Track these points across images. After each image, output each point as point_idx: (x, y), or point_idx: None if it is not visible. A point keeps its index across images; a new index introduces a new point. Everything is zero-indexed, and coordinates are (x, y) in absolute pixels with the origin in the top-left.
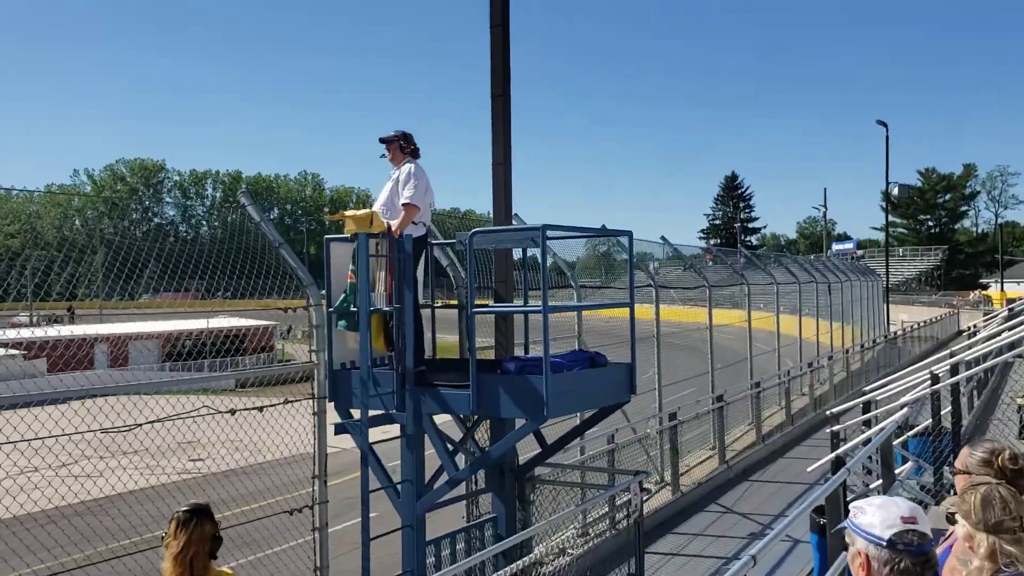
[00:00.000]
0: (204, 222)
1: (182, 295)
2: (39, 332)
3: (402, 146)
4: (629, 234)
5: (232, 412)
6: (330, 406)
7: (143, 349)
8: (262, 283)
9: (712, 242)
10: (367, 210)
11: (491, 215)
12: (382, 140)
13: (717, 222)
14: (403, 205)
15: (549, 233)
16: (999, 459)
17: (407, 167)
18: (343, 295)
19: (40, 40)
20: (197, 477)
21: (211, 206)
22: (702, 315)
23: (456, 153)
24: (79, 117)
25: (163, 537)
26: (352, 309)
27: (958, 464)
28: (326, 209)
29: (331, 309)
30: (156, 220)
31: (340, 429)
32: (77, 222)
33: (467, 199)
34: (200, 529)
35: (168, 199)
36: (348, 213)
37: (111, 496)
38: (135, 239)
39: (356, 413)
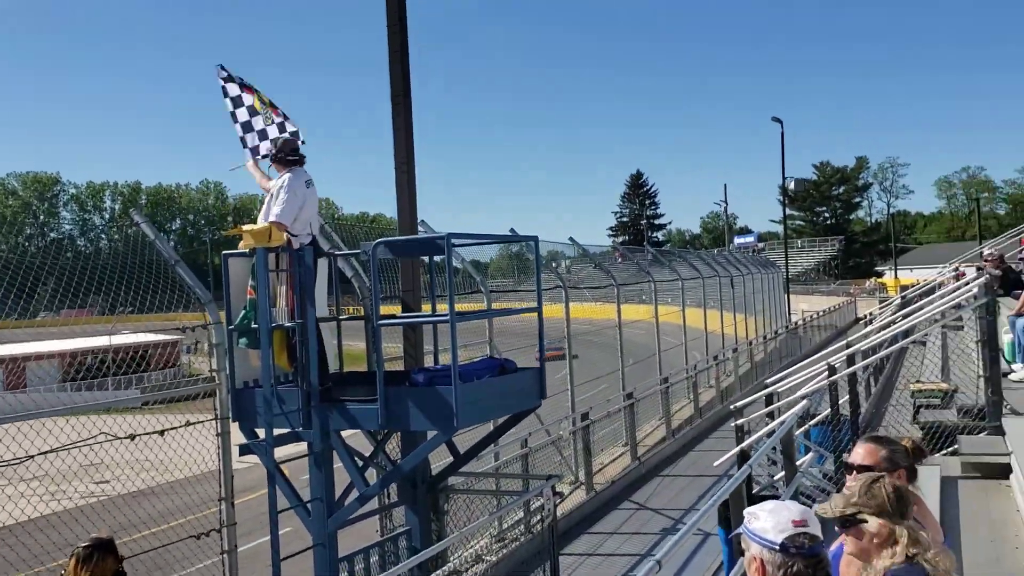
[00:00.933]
0: (103, 236)
1: (85, 312)
2: None
3: (276, 156)
4: (535, 239)
5: (132, 438)
6: (234, 425)
7: (42, 370)
8: (168, 297)
9: (620, 239)
10: (264, 224)
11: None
12: (264, 157)
13: (625, 219)
14: (270, 223)
15: (455, 240)
16: (905, 451)
17: (280, 179)
18: (243, 311)
19: None
20: (103, 500)
21: (110, 219)
22: (607, 312)
23: (364, 156)
24: None
25: (62, 575)
26: (253, 326)
27: (864, 460)
28: (229, 219)
29: (231, 327)
30: (52, 235)
31: (245, 450)
32: None
33: (377, 204)
34: (102, 565)
35: (65, 212)
36: (245, 227)
37: (10, 525)
38: (31, 255)
39: (262, 432)
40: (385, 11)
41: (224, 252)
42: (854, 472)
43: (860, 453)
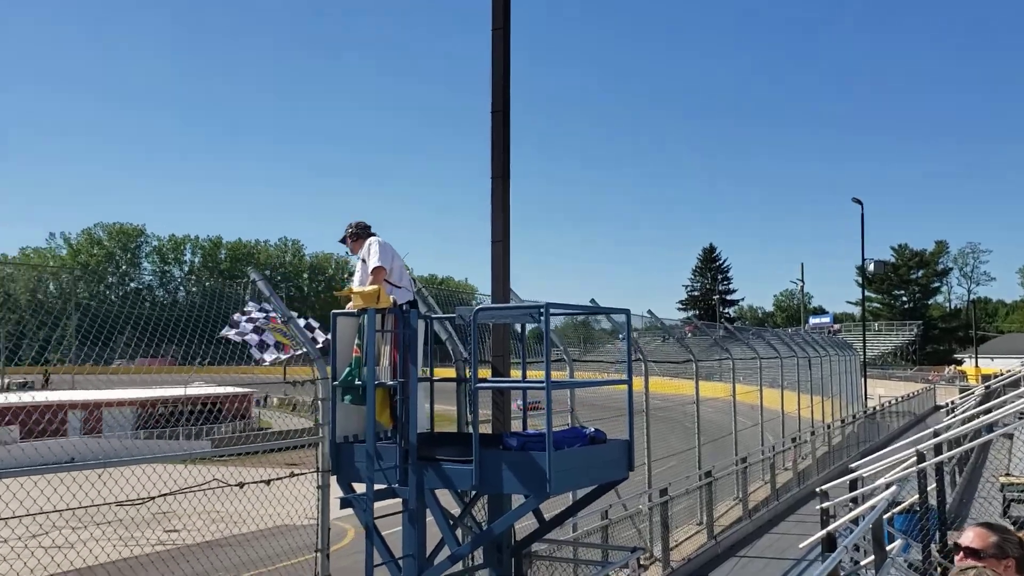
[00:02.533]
0: (182, 287)
1: (158, 361)
2: (12, 398)
3: (355, 234)
4: (627, 312)
5: (241, 485)
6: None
7: (118, 416)
8: (240, 351)
9: (691, 313)
10: (374, 287)
11: (464, 280)
12: (340, 241)
13: (696, 293)
14: (371, 271)
15: (551, 310)
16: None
17: (367, 243)
18: (347, 368)
19: (23, 98)
20: (172, 549)
21: (188, 271)
22: (679, 387)
23: (437, 219)
24: (55, 181)
25: None
26: (357, 383)
27: (973, 543)
28: (304, 275)
29: (336, 383)
30: (133, 284)
31: (345, 503)
32: (51, 286)
33: (441, 265)
34: None
35: (146, 264)
36: (356, 289)
37: (83, 568)
38: (111, 304)
39: (357, 487)
40: (490, 94)
41: (333, 312)
42: (960, 554)
43: (970, 536)
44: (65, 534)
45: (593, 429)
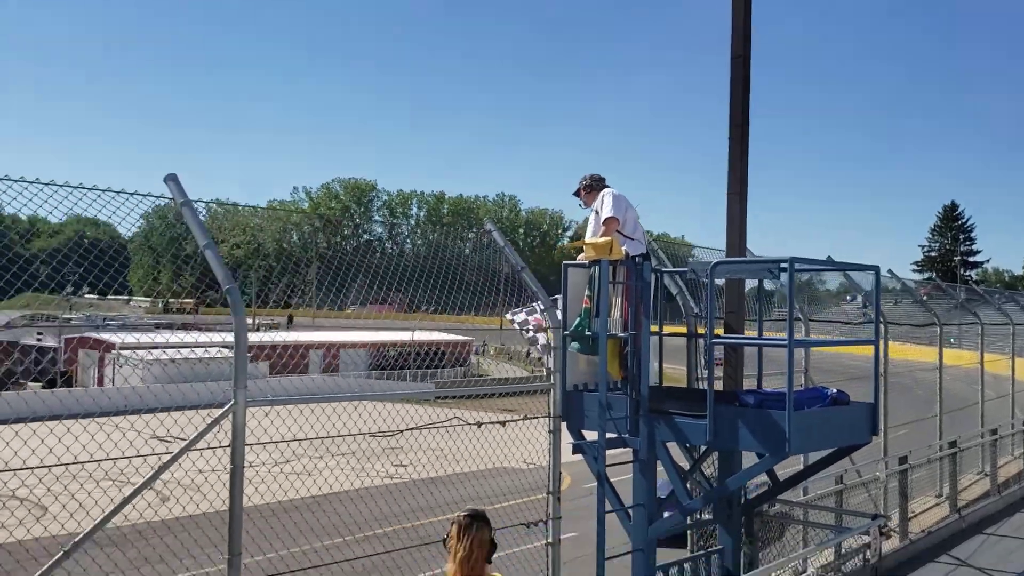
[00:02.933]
0: (408, 240)
1: (387, 307)
2: (263, 337)
3: (589, 186)
4: (876, 269)
5: (479, 425)
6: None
7: (354, 356)
8: (466, 299)
9: (927, 275)
10: (607, 238)
11: (682, 237)
12: (574, 194)
13: (933, 254)
14: (603, 221)
15: (795, 265)
16: None
17: (601, 195)
18: (578, 319)
19: (261, 71)
20: (400, 483)
21: (415, 224)
22: (910, 352)
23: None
24: (299, 137)
25: (444, 540)
26: (587, 333)
27: None
28: (520, 230)
29: (566, 332)
30: (365, 236)
31: (577, 449)
32: (295, 236)
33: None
34: (480, 534)
35: (377, 217)
36: (588, 241)
37: (325, 495)
38: (346, 253)
39: (587, 434)
40: (730, 45)
41: (564, 262)
42: None
43: None
44: (303, 463)
45: (836, 390)
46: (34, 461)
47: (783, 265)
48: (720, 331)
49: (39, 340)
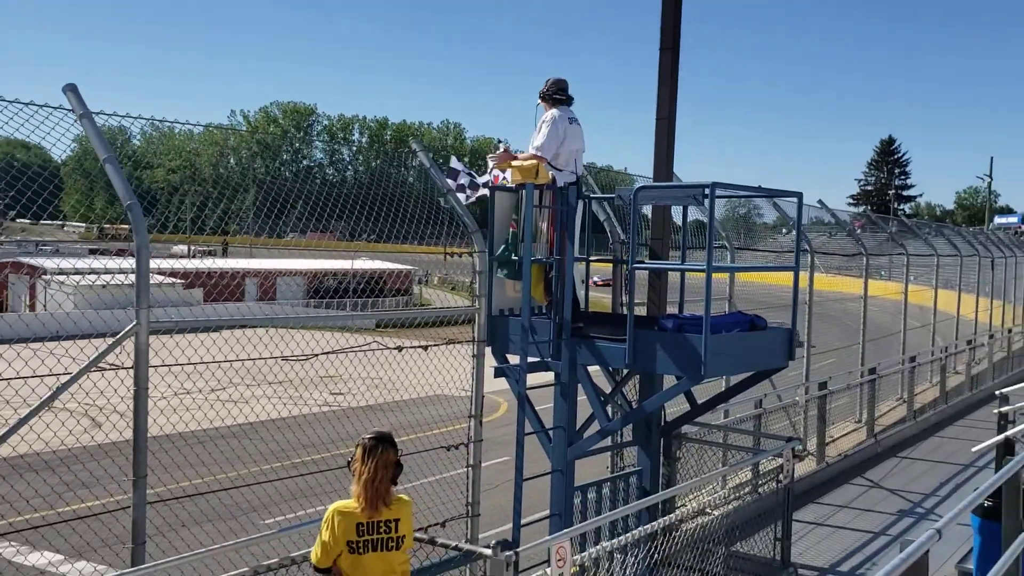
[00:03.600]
0: (350, 166)
1: (327, 236)
2: (197, 263)
3: (546, 95)
4: (800, 195)
5: (399, 349)
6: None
7: (291, 284)
8: (406, 229)
9: (862, 208)
10: (533, 160)
11: (624, 169)
12: (540, 97)
13: (869, 188)
14: (531, 154)
15: (716, 191)
16: None
17: (546, 115)
18: (504, 244)
19: None
20: (337, 410)
21: (356, 151)
22: (838, 284)
23: (612, 107)
24: (236, 58)
25: (349, 462)
26: (513, 258)
27: None
28: (465, 159)
29: (493, 257)
30: (305, 162)
31: (499, 373)
32: (232, 161)
33: (615, 155)
34: (385, 456)
35: (317, 142)
36: (515, 163)
37: (257, 423)
38: (285, 180)
39: (511, 358)
40: None
41: (490, 186)
42: None
43: None
44: (240, 390)
45: (754, 315)
46: None
47: (706, 191)
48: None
49: None
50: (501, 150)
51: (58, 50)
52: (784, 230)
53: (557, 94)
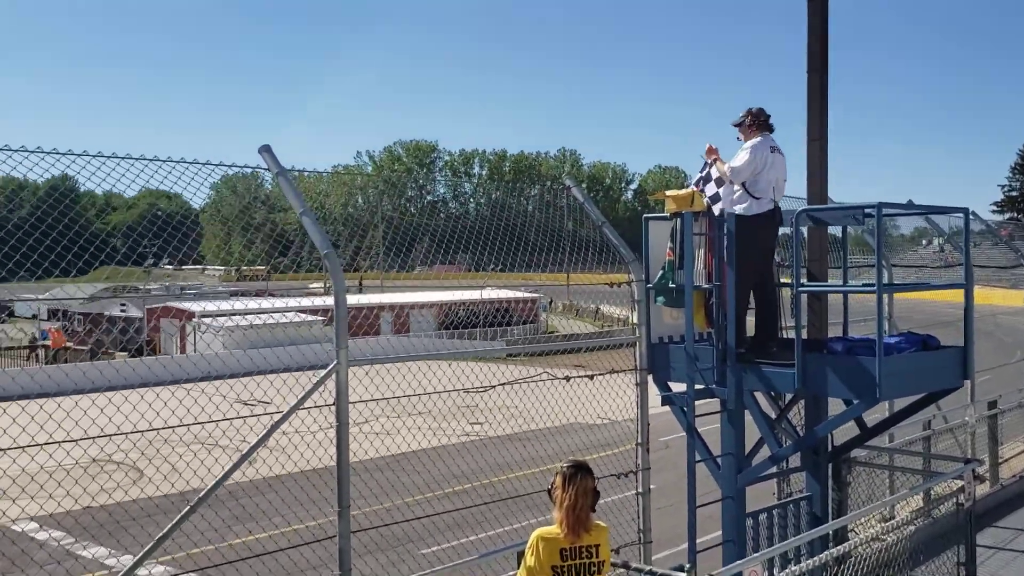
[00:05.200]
0: (471, 199)
1: (454, 267)
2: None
3: (748, 123)
4: (966, 211)
5: (567, 379)
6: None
7: (423, 317)
8: (529, 257)
9: (1007, 216)
10: (688, 190)
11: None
12: (734, 125)
13: (1014, 193)
14: (727, 169)
15: (882, 210)
16: None
17: (747, 142)
18: (661, 272)
19: (324, 31)
20: (477, 441)
21: (477, 184)
22: (988, 297)
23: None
24: (359, 103)
25: (550, 490)
26: (671, 286)
27: None
28: (583, 184)
29: (650, 285)
30: (429, 197)
31: (666, 401)
32: (360, 200)
33: None
34: (584, 483)
35: (439, 177)
36: (669, 193)
37: (404, 453)
38: (411, 215)
39: (674, 386)
40: None
41: (645, 216)
42: None
43: None
44: (381, 422)
45: (926, 335)
46: (128, 427)
47: (868, 211)
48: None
49: (123, 311)
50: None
51: (180, 102)
52: (924, 241)
53: (758, 123)
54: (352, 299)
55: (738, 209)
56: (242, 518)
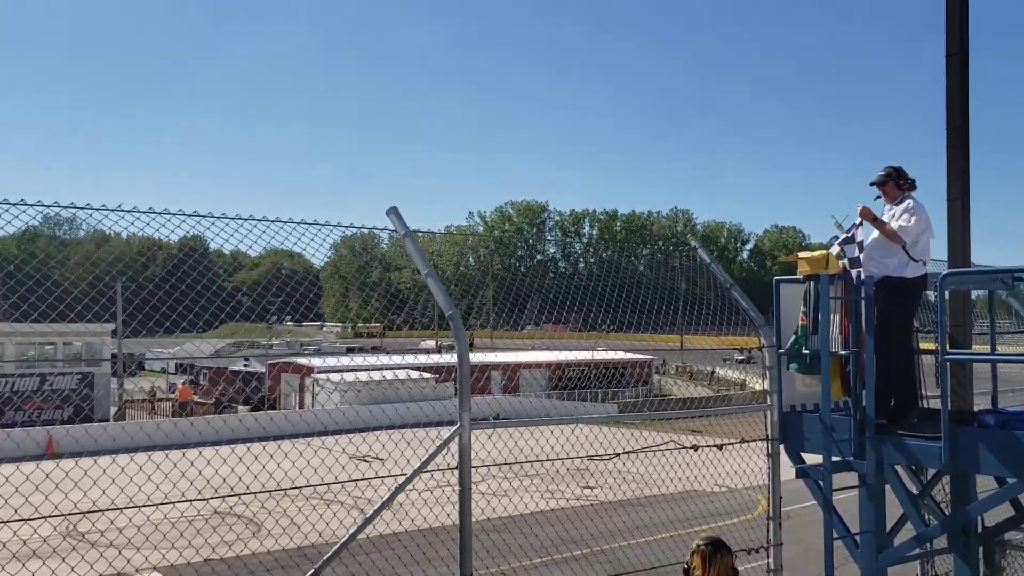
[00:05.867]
0: (581, 259)
1: (563, 327)
2: (446, 358)
3: (898, 183)
4: None
5: (695, 448)
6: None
7: (532, 377)
8: (644, 319)
9: None
10: (821, 252)
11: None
12: (874, 184)
13: None
14: (896, 228)
15: None
16: None
17: (908, 201)
18: (793, 336)
19: (435, 86)
20: (589, 505)
21: (587, 244)
22: None
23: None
24: (472, 163)
25: (686, 569)
26: (804, 351)
27: None
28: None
29: (782, 351)
30: (539, 256)
31: (801, 473)
32: (471, 259)
33: None
34: (724, 562)
35: (549, 237)
36: (803, 255)
37: (514, 516)
38: (521, 274)
39: (808, 457)
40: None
41: (776, 278)
42: None
43: None
44: (492, 483)
45: None
46: (250, 478)
47: (1019, 275)
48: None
49: (246, 366)
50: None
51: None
52: None
53: (904, 182)
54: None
55: (900, 272)
56: None
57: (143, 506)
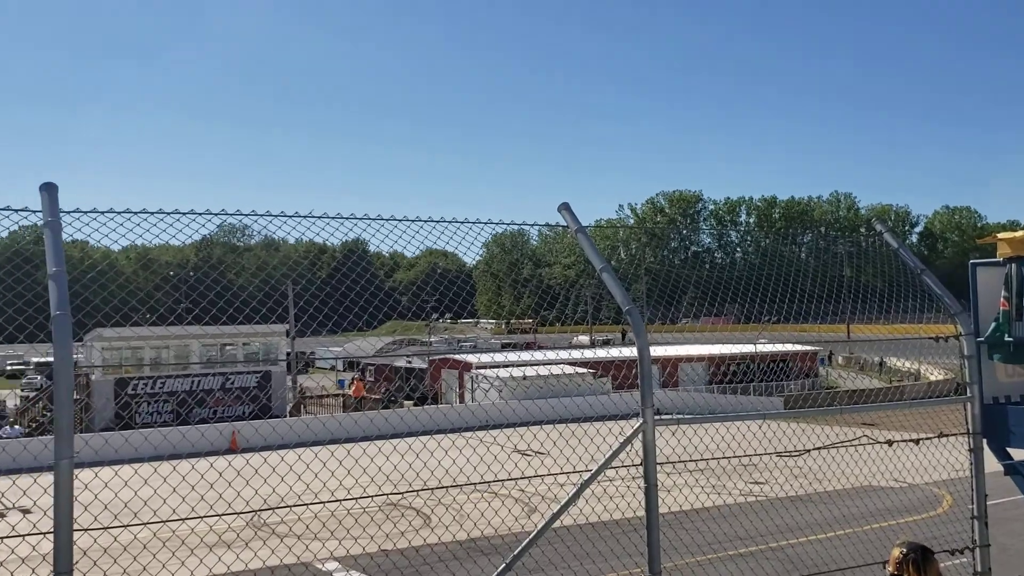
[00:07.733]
0: (738, 248)
1: (721, 320)
2: (601, 352)
3: None
4: None
5: (889, 443)
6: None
7: (692, 371)
8: (808, 308)
9: None
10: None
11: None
12: None
13: None
14: None
15: None
16: None
17: None
18: (994, 324)
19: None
20: (757, 501)
21: (744, 232)
22: None
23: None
24: (623, 152)
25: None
26: (1007, 339)
27: None
28: (861, 229)
29: (981, 339)
30: (693, 248)
31: (1009, 470)
32: (622, 253)
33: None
34: (933, 568)
35: (704, 227)
36: (1002, 236)
37: (683, 511)
38: (675, 267)
39: (1013, 452)
40: None
41: (972, 262)
42: None
43: None
44: (661, 479)
45: None
46: (419, 466)
47: None
48: None
49: (409, 363)
50: None
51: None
52: None
53: None
54: (614, 351)
55: None
56: (531, 568)
57: (327, 502)
